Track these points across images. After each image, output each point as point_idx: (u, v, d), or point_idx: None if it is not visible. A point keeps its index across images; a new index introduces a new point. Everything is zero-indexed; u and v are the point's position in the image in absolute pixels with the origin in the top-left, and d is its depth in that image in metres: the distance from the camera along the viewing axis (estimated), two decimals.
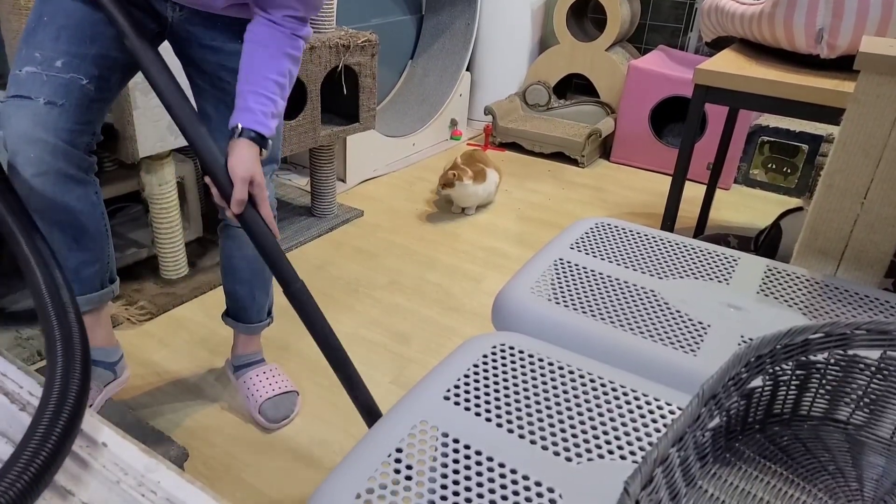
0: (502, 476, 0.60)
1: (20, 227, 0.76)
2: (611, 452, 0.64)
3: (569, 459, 0.62)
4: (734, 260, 1.04)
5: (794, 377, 0.65)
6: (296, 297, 1.03)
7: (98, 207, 1.13)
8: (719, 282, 0.97)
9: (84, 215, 1.09)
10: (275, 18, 1.05)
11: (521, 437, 0.65)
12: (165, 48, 1.11)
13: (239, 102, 1.04)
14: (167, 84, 1.00)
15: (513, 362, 0.76)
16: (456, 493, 0.57)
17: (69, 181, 1.04)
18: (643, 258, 1.03)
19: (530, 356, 0.77)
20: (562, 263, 1.00)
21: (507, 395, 0.70)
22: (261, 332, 1.45)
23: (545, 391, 0.71)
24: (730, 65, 1.58)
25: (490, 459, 0.61)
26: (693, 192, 2.36)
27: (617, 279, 0.96)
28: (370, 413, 1.07)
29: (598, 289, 0.94)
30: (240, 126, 1.02)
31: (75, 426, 0.54)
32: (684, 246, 1.07)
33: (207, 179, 1.03)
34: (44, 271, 0.70)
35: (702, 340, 0.83)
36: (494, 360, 0.76)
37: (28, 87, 0.98)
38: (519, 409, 0.68)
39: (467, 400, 0.69)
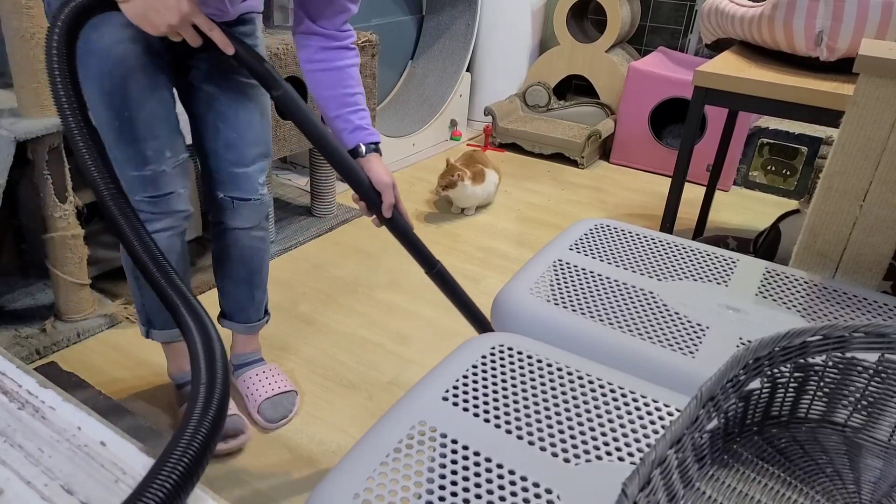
0: (500, 477, 0.60)
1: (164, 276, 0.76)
2: (609, 454, 0.64)
3: (567, 461, 0.62)
4: (733, 262, 1.04)
5: (792, 379, 0.65)
6: (438, 277, 1.19)
7: (185, 247, 1.25)
8: (718, 284, 0.97)
9: (183, 257, 1.24)
10: (331, 33, 1.12)
11: (520, 437, 0.65)
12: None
13: (344, 126, 1.14)
14: (313, 120, 1.08)
15: (511, 363, 0.76)
16: (454, 494, 0.58)
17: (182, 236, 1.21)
18: (642, 260, 1.03)
19: (529, 357, 0.77)
20: (561, 265, 1.00)
21: (505, 396, 0.70)
22: (259, 331, 1.45)
23: (544, 392, 0.71)
24: (729, 67, 1.58)
25: (488, 460, 0.62)
26: (692, 194, 2.36)
27: (616, 280, 0.96)
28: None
29: (597, 290, 0.94)
30: (362, 145, 1.13)
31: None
32: (683, 247, 1.08)
33: (355, 196, 1.14)
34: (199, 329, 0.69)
35: (700, 342, 0.83)
36: (493, 362, 0.76)
37: (166, 184, 1.13)
38: (517, 410, 0.68)
39: (466, 401, 0.69)
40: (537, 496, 0.58)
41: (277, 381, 1.43)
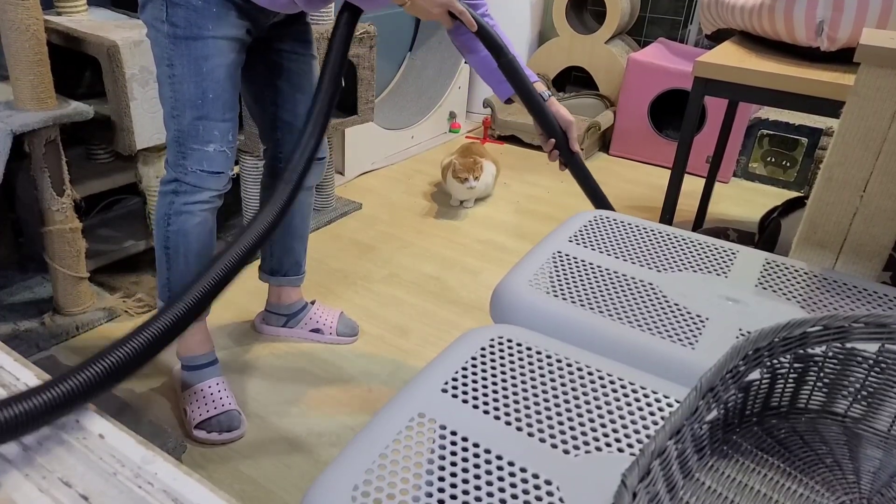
0: (500, 469, 0.60)
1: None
2: (608, 445, 0.64)
3: (566, 452, 0.62)
4: (733, 253, 1.04)
5: (791, 370, 0.65)
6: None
7: (214, 234, 1.32)
8: (718, 275, 0.97)
9: (209, 240, 1.30)
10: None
11: (519, 429, 0.65)
12: None
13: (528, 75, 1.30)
14: (528, 78, 1.26)
15: (511, 355, 0.76)
16: (453, 486, 0.58)
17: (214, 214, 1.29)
18: (642, 251, 1.03)
19: (528, 349, 0.77)
20: (560, 256, 1.00)
21: (505, 388, 0.70)
22: None
23: (543, 384, 0.71)
24: (729, 57, 1.57)
25: (488, 452, 0.61)
26: (692, 186, 2.36)
27: (615, 272, 0.96)
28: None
29: (597, 282, 0.94)
30: (545, 92, 1.31)
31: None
32: (683, 239, 1.07)
33: (543, 139, 1.32)
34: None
35: (700, 333, 0.83)
36: (493, 353, 0.76)
37: (220, 163, 1.22)
38: (517, 402, 0.68)
39: (465, 393, 0.69)
40: (537, 487, 0.58)
41: (331, 311, 1.65)
